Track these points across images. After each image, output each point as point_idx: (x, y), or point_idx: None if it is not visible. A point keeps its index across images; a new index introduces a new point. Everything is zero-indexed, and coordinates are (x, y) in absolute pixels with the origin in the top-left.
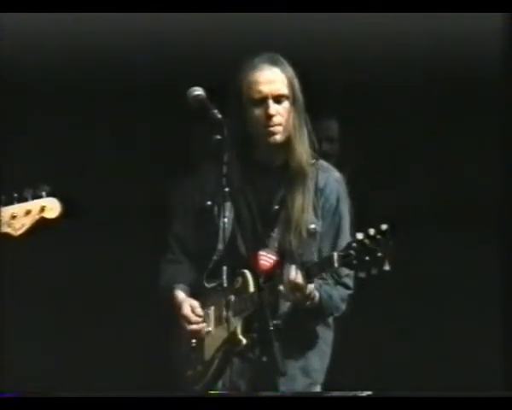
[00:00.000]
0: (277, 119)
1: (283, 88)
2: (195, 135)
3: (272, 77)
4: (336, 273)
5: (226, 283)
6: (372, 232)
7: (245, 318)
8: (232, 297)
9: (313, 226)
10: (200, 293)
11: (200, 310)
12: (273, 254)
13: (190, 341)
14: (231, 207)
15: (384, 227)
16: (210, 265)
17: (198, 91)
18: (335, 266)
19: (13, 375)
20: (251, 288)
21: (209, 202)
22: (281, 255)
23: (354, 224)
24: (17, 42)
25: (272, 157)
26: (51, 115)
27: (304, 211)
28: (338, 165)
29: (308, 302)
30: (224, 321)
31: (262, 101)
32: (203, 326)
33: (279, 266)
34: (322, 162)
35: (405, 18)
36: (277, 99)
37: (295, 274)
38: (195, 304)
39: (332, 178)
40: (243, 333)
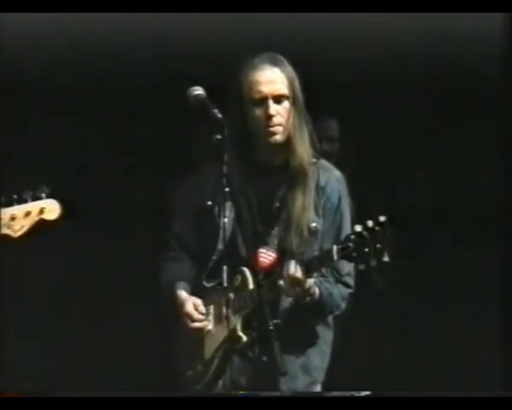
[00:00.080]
0: (277, 119)
1: (283, 88)
2: (195, 135)
3: (272, 77)
4: (337, 271)
5: (226, 282)
6: (370, 224)
7: (245, 316)
8: (231, 295)
9: (314, 225)
10: (199, 292)
11: (202, 308)
12: (273, 251)
13: (191, 340)
14: (231, 206)
15: (382, 219)
16: (210, 264)
17: (198, 91)
18: (335, 259)
19: (13, 375)
20: (250, 285)
21: (209, 202)
22: (281, 253)
23: (355, 222)
24: (17, 42)
25: (272, 157)
26: (51, 115)
27: (305, 210)
28: (338, 164)
29: (308, 298)
30: (224, 320)
31: (262, 101)
32: (206, 324)
33: (279, 264)
34: (323, 161)
35: (405, 18)
36: (277, 99)
37: (295, 269)
38: (198, 302)
39: (333, 177)
40: (243, 331)
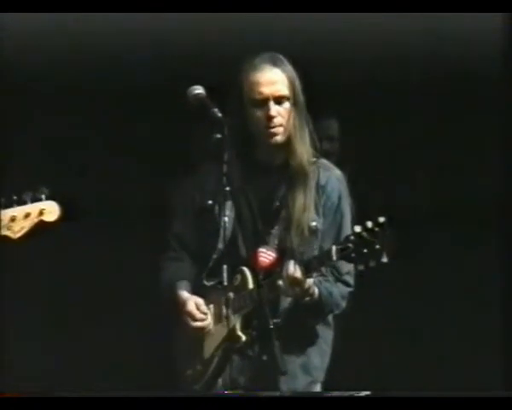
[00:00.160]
0: (278, 120)
1: (284, 89)
2: (196, 134)
3: (273, 78)
4: (336, 270)
5: (226, 281)
6: (370, 225)
7: (244, 315)
8: (231, 295)
9: (314, 224)
10: (200, 291)
11: (204, 307)
12: (273, 251)
13: (190, 339)
14: (232, 206)
15: (381, 220)
16: (210, 263)
17: (198, 90)
18: (334, 260)
19: (13, 375)
20: (250, 285)
21: (209, 201)
22: (281, 252)
23: (355, 221)
24: (17, 42)
25: (273, 157)
26: (51, 115)
27: (305, 209)
28: (338, 163)
29: (307, 298)
30: (224, 319)
31: (263, 102)
32: (207, 324)
33: (279, 264)
34: (323, 161)
35: (405, 18)
36: (278, 100)
37: (294, 269)
38: (200, 301)
39: (333, 176)
40: (242, 330)
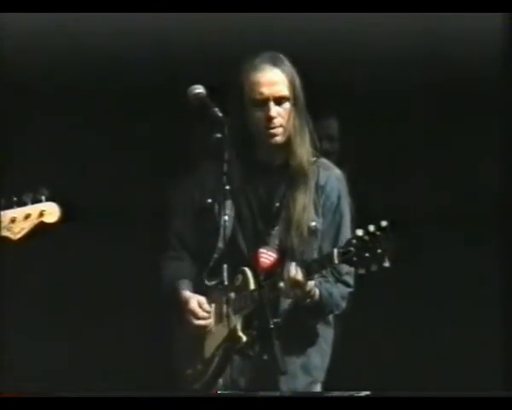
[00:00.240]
0: (278, 120)
1: (284, 89)
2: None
3: (273, 78)
4: (337, 271)
5: (227, 281)
6: (372, 229)
7: (245, 315)
8: (232, 295)
9: (314, 224)
10: (200, 291)
11: (207, 306)
12: (273, 251)
13: (191, 339)
14: (232, 205)
15: (384, 224)
16: (210, 263)
17: (199, 89)
18: (335, 263)
19: (13, 375)
20: (251, 285)
21: (209, 201)
22: (281, 253)
23: (355, 221)
24: (17, 42)
25: (273, 157)
26: (51, 115)
27: (305, 210)
28: (338, 163)
29: (308, 299)
30: (225, 319)
31: (263, 102)
32: (210, 322)
33: (279, 264)
34: (323, 160)
35: (405, 18)
36: (278, 101)
37: (295, 271)
38: (203, 300)
39: (333, 176)
40: (243, 330)
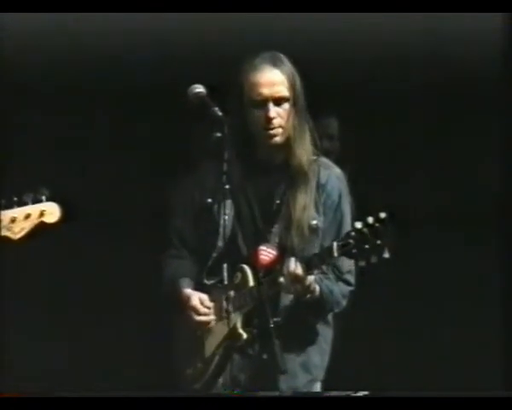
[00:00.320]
0: (277, 121)
1: (284, 90)
2: (196, 133)
3: (273, 79)
4: (337, 269)
5: (226, 280)
6: (371, 221)
7: (245, 313)
8: (232, 293)
9: (315, 222)
10: (200, 289)
11: (208, 303)
12: (273, 249)
13: (191, 338)
14: (232, 204)
15: (382, 215)
16: (210, 262)
17: (199, 89)
18: (335, 256)
19: (13, 375)
20: (250, 283)
21: (209, 200)
22: (281, 250)
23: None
24: (17, 42)
25: (273, 156)
26: (51, 115)
27: (306, 209)
28: (338, 162)
29: (308, 295)
30: (225, 317)
31: (262, 103)
32: (212, 318)
33: (279, 261)
34: (323, 159)
35: (405, 18)
36: (278, 101)
37: (295, 265)
38: (204, 297)
39: (333, 174)
40: (243, 328)
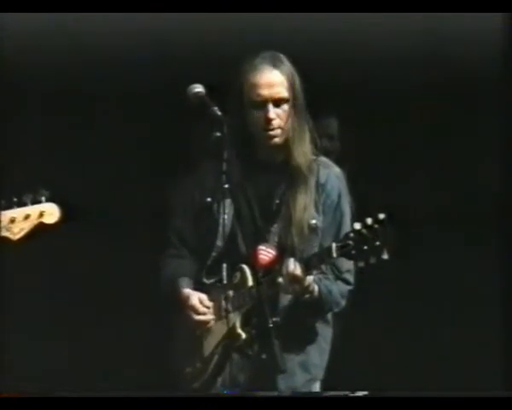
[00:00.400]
0: (276, 122)
1: (283, 91)
2: (195, 133)
3: (273, 80)
4: (336, 268)
5: (226, 279)
6: (370, 222)
7: (244, 313)
8: (231, 292)
9: (314, 222)
10: (199, 289)
11: (207, 302)
12: (273, 248)
13: (190, 337)
14: (231, 204)
15: (382, 216)
16: (209, 261)
17: (198, 88)
18: (334, 257)
19: (13, 375)
20: (249, 282)
21: (209, 199)
22: (280, 250)
23: (355, 220)
24: (17, 42)
25: (272, 156)
26: (51, 116)
27: (305, 209)
28: (338, 162)
29: (307, 295)
30: (224, 317)
31: (262, 104)
32: (211, 318)
33: (278, 261)
34: (322, 159)
35: (405, 18)
36: (277, 102)
37: (294, 266)
38: (203, 296)
39: (333, 174)
40: (242, 327)
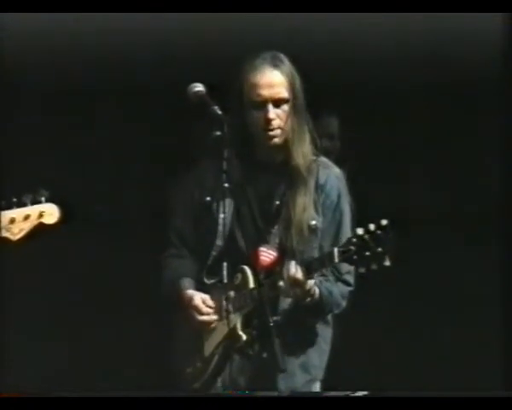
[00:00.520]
0: (276, 122)
1: (283, 92)
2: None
3: (273, 80)
4: (337, 270)
5: (226, 279)
6: (372, 228)
7: (245, 314)
8: (232, 293)
9: (314, 223)
10: (200, 289)
11: (210, 302)
12: (273, 250)
13: (190, 337)
14: (231, 203)
15: (384, 222)
16: (210, 261)
17: (198, 87)
18: (336, 262)
19: (13, 375)
20: (251, 284)
21: (208, 199)
22: (281, 251)
23: (355, 221)
24: (17, 42)
25: (272, 156)
26: (51, 116)
27: (305, 210)
28: (338, 162)
29: (308, 298)
30: (224, 317)
31: (262, 104)
32: (214, 319)
33: (279, 263)
34: (322, 159)
35: (405, 18)
36: (277, 103)
37: (295, 269)
38: (206, 297)
39: (333, 174)
40: (243, 329)
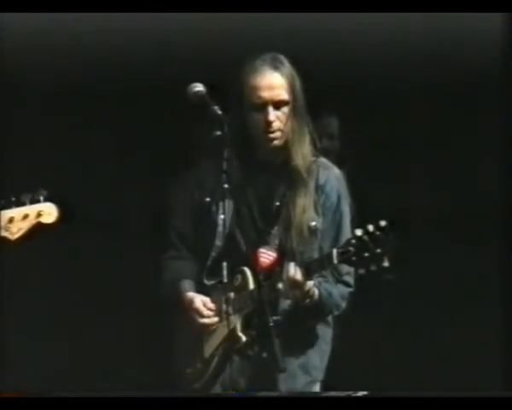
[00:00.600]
0: (276, 124)
1: (284, 94)
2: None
3: (273, 82)
4: (336, 271)
5: (226, 279)
6: (371, 229)
7: (244, 315)
8: (232, 295)
9: (314, 224)
10: (200, 291)
11: (211, 305)
12: (273, 251)
13: (191, 338)
14: (231, 204)
15: (383, 224)
16: (209, 262)
17: (198, 87)
18: (335, 263)
19: (13, 375)
20: (250, 285)
21: (208, 199)
22: (281, 253)
23: (354, 221)
24: (17, 42)
25: (272, 157)
26: (51, 115)
27: (305, 210)
28: (337, 162)
29: (307, 300)
30: (224, 319)
31: (262, 106)
32: (215, 321)
33: (279, 264)
34: (322, 160)
35: (405, 18)
36: (277, 105)
37: (294, 271)
38: (206, 299)
39: (332, 175)
40: (243, 330)
